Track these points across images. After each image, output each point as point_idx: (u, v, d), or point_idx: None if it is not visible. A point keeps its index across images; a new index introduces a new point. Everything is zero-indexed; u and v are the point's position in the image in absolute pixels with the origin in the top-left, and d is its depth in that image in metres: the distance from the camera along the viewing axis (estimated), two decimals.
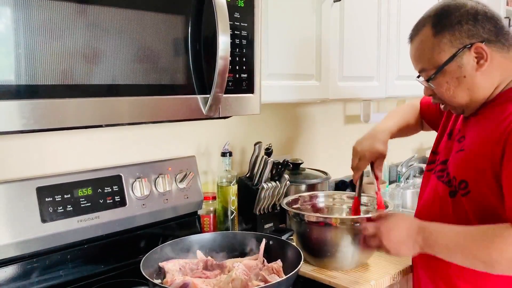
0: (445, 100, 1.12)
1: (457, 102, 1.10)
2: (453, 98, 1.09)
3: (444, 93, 1.09)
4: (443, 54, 1.06)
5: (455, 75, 1.06)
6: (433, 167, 1.24)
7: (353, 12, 1.62)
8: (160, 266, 1.15)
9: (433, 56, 1.07)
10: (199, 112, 1.08)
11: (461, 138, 1.14)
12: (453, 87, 1.07)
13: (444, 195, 1.13)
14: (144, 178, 1.33)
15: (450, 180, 1.12)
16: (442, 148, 1.24)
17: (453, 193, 1.10)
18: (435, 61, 1.07)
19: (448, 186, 1.12)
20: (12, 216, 1.10)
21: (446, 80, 1.07)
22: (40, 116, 0.84)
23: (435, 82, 1.09)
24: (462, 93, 1.08)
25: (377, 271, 1.32)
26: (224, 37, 1.02)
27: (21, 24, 0.80)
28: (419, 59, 1.11)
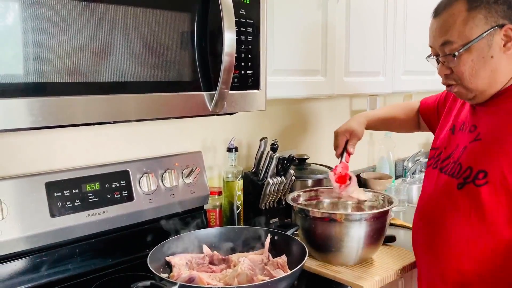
0: (463, 81, 1.07)
1: (475, 84, 1.07)
2: (473, 78, 1.06)
3: (465, 72, 1.06)
4: (475, 29, 1.03)
5: (482, 53, 1.04)
6: (432, 162, 1.23)
7: (359, 7, 1.62)
8: (167, 260, 1.17)
9: (465, 29, 1.04)
10: (205, 108, 1.09)
11: (472, 128, 1.12)
12: (477, 67, 1.05)
13: (449, 188, 1.11)
14: (151, 173, 1.35)
15: (460, 171, 1.09)
16: (443, 142, 1.22)
17: (461, 185, 1.08)
18: (465, 35, 1.04)
19: (455, 178, 1.10)
20: (21, 211, 1.12)
21: (471, 58, 1.04)
22: (48, 113, 0.85)
23: (460, 59, 1.05)
24: (484, 75, 1.05)
25: (382, 266, 1.32)
26: (229, 33, 1.02)
27: (29, 22, 0.81)
28: (446, 32, 1.06)
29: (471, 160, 1.08)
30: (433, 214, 1.16)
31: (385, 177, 2.13)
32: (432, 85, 2.03)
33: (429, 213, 1.17)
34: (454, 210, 1.09)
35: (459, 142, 1.15)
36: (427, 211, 1.18)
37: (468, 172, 1.07)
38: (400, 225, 1.67)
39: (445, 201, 1.12)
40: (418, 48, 1.90)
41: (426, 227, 1.19)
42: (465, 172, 1.08)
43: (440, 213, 1.13)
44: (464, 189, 1.07)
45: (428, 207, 1.19)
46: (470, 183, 1.06)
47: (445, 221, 1.11)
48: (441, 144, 1.24)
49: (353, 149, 1.42)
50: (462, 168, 1.09)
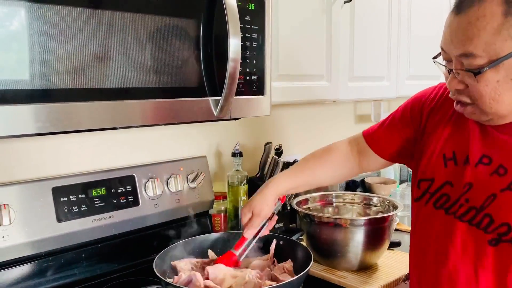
0: (481, 104, 0.86)
1: (496, 109, 0.85)
2: (494, 103, 0.84)
3: (486, 94, 0.83)
4: (509, 42, 0.78)
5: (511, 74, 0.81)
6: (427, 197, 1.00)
7: (363, 12, 1.62)
8: (172, 265, 1.17)
9: (495, 41, 0.79)
10: (210, 114, 1.09)
11: (502, 170, 0.89)
12: (502, 89, 0.82)
13: (476, 241, 0.91)
14: (157, 178, 1.36)
15: (491, 225, 0.89)
16: (439, 174, 0.99)
17: (496, 240, 0.88)
18: (495, 49, 0.79)
19: (482, 231, 0.90)
20: (28, 216, 1.13)
21: (497, 79, 0.81)
22: (55, 119, 0.86)
23: (483, 78, 0.82)
24: (509, 100, 0.84)
25: (387, 271, 1.32)
26: (235, 39, 1.03)
27: (36, 29, 0.82)
28: (470, 40, 0.81)
29: (508, 215, 0.88)
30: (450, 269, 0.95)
31: (389, 182, 2.13)
32: None
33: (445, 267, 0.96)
34: (484, 270, 0.90)
35: (474, 181, 0.93)
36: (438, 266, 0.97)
37: (505, 229, 0.88)
38: (405, 230, 1.67)
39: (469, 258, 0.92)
40: (423, 52, 1.90)
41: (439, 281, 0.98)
42: (499, 228, 0.88)
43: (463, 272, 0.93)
44: (500, 246, 0.88)
45: (438, 260, 0.97)
46: (508, 242, 0.87)
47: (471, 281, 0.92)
48: (435, 174, 1.00)
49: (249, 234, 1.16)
50: (495, 222, 0.89)
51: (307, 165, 1.23)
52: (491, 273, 0.90)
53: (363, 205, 1.51)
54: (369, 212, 1.49)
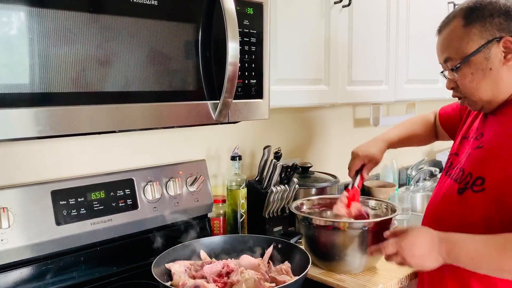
0: (467, 93, 1.11)
1: (479, 96, 1.10)
2: (476, 91, 1.09)
3: (467, 85, 1.10)
4: (471, 44, 1.07)
5: (481, 66, 1.07)
6: (446, 168, 1.26)
7: (362, 16, 1.63)
8: (167, 267, 1.17)
9: (461, 45, 1.08)
10: (209, 117, 1.10)
11: (479, 136, 1.15)
12: (477, 79, 1.08)
13: (451, 192, 1.14)
14: (156, 182, 1.36)
15: (462, 176, 1.12)
16: (456, 149, 1.25)
17: (462, 190, 1.11)
18: (462, 50, 1.08)
19: (457, 183, 1.13)
20: (27, 219, 1.13)
21: (471, 71, 1.08)
22: (55, 122, 0.87)
23: (460, 73, 1.09)
24: (486, 87, 1.08)
25: (385, 274, 1.32)
26: (233, 43, 1.03)
27: (36, 33, 0.82)
28: (446, 48, 1.12)
29: (472, 166, 1.11)
30: (436, 218, 1.18)
31: (388, 185, 2.13)
32: (435, 93, 2.04)
33: (432, 217, 1.19)
34: (452, 215, 1.12)
35: (469, 147, 1.17)
36: (431, 215, 1.21)
37: (468, 178, 1.10)
38: None
39: (446, 205, 1.16)
40: (421, 56, 1.91)
41: None
42: (466, 178, 1.11)
43: (441, 217, 1.15)
44: (463, 194, 1.10)
45: (432, 211, 1.22)
46: (469, 188, 1.09)
47: (446, 225, 1.09)
48: (454, 150, 1.26)
49: (367, 175, 1.41)
50: (464, 173, 1.12)
51: (406, 126, 1.52)
52: (456, 217, 1.11)
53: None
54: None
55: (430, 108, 2.19)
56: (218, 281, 1.13)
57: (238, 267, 1.16)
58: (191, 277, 1.15)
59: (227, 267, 1.17)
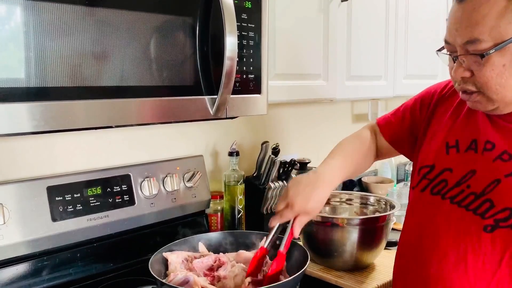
0: (488, 89, 0.86)
1: (502, 95, 0.85)
2: (500, 88, 0.84)
3: (493, 79, 0.84)
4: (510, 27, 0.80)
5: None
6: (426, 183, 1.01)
7: (361, 11, 1.62)
8: (164, 256, 1.16)
9: (499, 24, 0.80)
10: (206, 112, 1.09)
11: (506, 156, 0.89)
12: (508, 74, 0.83)
13: (470, 226, 0.91)
14: (153, 178, 1.35)
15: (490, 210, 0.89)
16: (440, 160, 1.00)
17: (492, 227, 0.88)
18: (500, 32, 0.80)
19: (479, 217, 0.90)
20: (23, 215, 1.12)
21: (503, 62, 0.82)
22: (50, 117, 0.85)
23: (489, 62, 0.83)
24: None
25: (384, 271, 1.32)
26: (231, 38, 1.02)
27: (31, 27, 0.81)
28: (476, 25, 0.82)
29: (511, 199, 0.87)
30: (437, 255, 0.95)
31: (386, 181, 2.13)
32: None
33: (428, 252, 0.96)
34: (475, 254, 0.90)
35: (478, 167, 0.93)
36: (425, 249, 0.97)
37: (506, 214, 0.87)
38: None
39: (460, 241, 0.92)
40: (420, 51, 1.90)
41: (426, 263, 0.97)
42: (499, 213, 0.88)
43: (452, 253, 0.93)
44: (495, 233, 0.88)
45: (426, 244, 0.97)
46: (508, 228, 0.87)
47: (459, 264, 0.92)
48: (435, 161, 1.01)
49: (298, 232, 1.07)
50: (495, 207, 0.88)
51: (349, 156, 1.19)
52: (482, 259, 0.89)
53: (360, 205, 1.51)
54: (366, 211, 1.49)
55: None
56: (208, 275, 1.12)
57: (229, 261, 1.15)
58: (187, 269, 1.14)
59: (218, 261, 1.16)
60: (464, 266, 0.91)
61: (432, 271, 0.95)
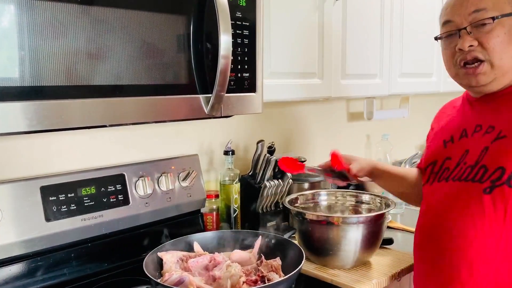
0: (493, 54, 1.02)
1: (503, 62, 1.02)
2: (503, 54, 1.01)
3: (497, 45, 1.01)
4: (507, 5, 1.02)
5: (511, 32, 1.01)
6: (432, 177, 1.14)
7: (356, 9, 1.62)
8: (159, 256, 1.16)
9: (499, 1, 1.02)
10: (201, 111, 1.08)
11: (490, 129, 1.04)
12: (507, 42, 1.01)
13: (470, 194, 1.01)
14: (147, 177, 1.34)
15: (486, 174, 1.00)
16: (439, 154, 1.15)
17: (490, 188, 0.98)
18: (501, 6, 1.02)
19: (478, 183, 1.01)
20: (16, 215, 1.11)
21: (504, 31, 1.01)
22: (44, 117, 0.85)
23: (494, 28, 1.01)
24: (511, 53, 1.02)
25: (379, 269, 1.32)
26: (225, 36, 1.02)
27: (25, 25, 0.80)
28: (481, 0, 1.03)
29: (501, 159, 0.99)
30: (447, 227, 1.05)
31: None
32: (429, 87, 2.04)
33: (440, 227, 1.07)
34: (480, 217, 0.99)
35: (470, 146, 1.07)
36: (438, 225, 1.08)
37: (499, 173, 0.98)
38: (397, 228, 1.67)
39: (463, 211, 1.02)
40: (415, 50, 1.90)
41: (437, 243, 1.08)
42: (493, 174, 0.99)
43: (461, 222, 1.02)
44: (494, 192, 0.98)
45: (438, 221, 1.08)
46: (503, 185, 0.97)
47: (467, 231, 1.01)
48: (437, 157, 1.15)
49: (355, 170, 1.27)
50: (489, 170, 1.00)
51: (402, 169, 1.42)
52: (488, 221, 0.99)
53: (355, 203, 1.51)
54: (361, 210, 1.49)
55: (423, 102, 2.19)
56: (203, 274, 1.12)
57: (225, 261, 1.15)
58: (182, 269, 1.14)
59: (214, 260, 1.16)
60: (474, 231, 1.00)
61: (448, 245, 1.04)
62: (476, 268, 1.00)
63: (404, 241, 1.53)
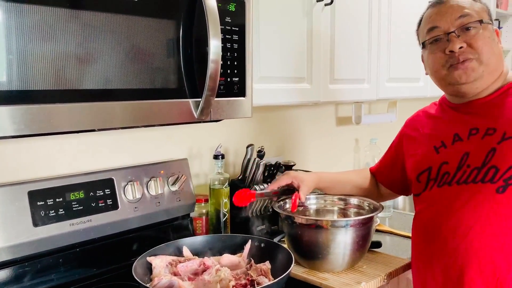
0: (482, 53, 1.09)
1: (490, 61, 1.10)
2: (490, 54, 1.10)
3: (484, 46, 1.09)
4: (483, 14, 1.13)
5: (492, 36, 1.12)
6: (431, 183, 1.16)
7: (344, 15, 1.63)
8: (148, 260, 1.15)
9: (479, 11, 1.12)
10: (190, 115, 1.08)
11: (490, 131, 1.08)
12: (491, 44, 1.11)
13: (486, 195, 1.04)
14: (136, 181, 1.34)
15: (497, 174, 1.03)
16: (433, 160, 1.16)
17: (504, 187, 1.02)
18: (481, 15, 1.12)
19: (489, 183, 1.04)
20: (3, 220, 1.10)
21: (488, 35, 1.11)
22: (31, 121, 0.84)
23: (480, 32, 1.10)
24: (496, 53, 1.12)
25: (368, 272, 1.33)
26: (215, 41, 1.02)
27: (13, 29, 0.80)
28: (466, 7, 1.12)
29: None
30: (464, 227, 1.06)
31: None
32: (416, 91, 2.06)
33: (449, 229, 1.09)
34: (496, 217, 1.02)
35: (470, 149, 1.10)
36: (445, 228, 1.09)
37: (509, 173, 1.02)
38: (385, 231, 1.68)
39: (480, 210, 1.04)
40: (402, 55, 1.93)
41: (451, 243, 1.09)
42: (505, 173, 1.02)
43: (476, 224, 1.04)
44: (508, 191, 1.02)
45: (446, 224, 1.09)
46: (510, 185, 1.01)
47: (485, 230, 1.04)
48: (430, 163, 1.17)
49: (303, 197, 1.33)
50: (500, 169, 1.03)
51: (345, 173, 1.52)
52: (504, 219, 1.02)
53: (344, 206, 1.52)
54: (350, 213, 1.50)
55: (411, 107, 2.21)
56: (193, 279, 1.12)
57: (214, 265, 1.15)
58: (172, 273, 1.13)
59: (203, 264, 1.16)
60: (490, 230, 1.03)
61: (465, 246, 1.06)
62: (499, 268, 1.03)
63: (392, 245, 1.55)
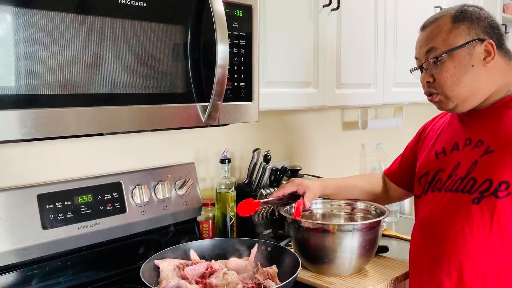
0: (445, 88, 1.11)
1: (458, 91, 1.10)
2: (455, 86, 1.09)
3: (448, 79, 1.10)
4: (458, 38, 1.09)
5: (464, 62, 1.09)
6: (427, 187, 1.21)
7: (350, 20, 1.64)
8: (156, 263, 1.16)
9: (449, 37, 1.10)
10: (198, 120, 1.09)
11: (479, 143, 1.11)
12: (458, 74, 1.09)
13: (461, 204, 1.09)
14: (144, 185, 1.35)
15: (475, 185, 1.07)
16: (432, 165, 1.21)
17: (478, 199, 1.06)
18: (449, 42, 1.10)
19: (467, 194, 1.08)
20: (13, 223, 1.11)
21: (454, 65, 1.09)
22: (40, 125, 0.85)
23: (443, 64, 1.10)
24: (466, 83, 1.09)
25: (375, 277, 1.33)
26: (222, 46, 1.03)
27: (21, 34, 0.81)
28: (432, 39, 1.12)
29: (489, 172, 1.06)
30: (439, 235, 1.13)
31: None
32: (423, 96, 2.05)
33: (432, 236, 1.15)
34: (469, 226, 1.07)
35: (461, 159, 1.13)
36: (430, 234, 1.16)
37: (487, 185, 1.05)
38: (392, 236, 1.68)
39: (456, 218, 1.09)
40: (409, 60, 1.92)
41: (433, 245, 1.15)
42: (482, 186, 1.06)
43: (451, 230, 1.10)
44: (482, 203, 1.05)
45: (431, 230, 1.16)
46: (490, 196, 1.04)
47: (458, 237, 1.08)
48: (429, 168, 1.22)
49: (308, 203, 1.34)
50: (478, 182, 1.07)
51: (352, 178, 1.55)
52: (476, 229, 1.06)
53: (350, 211, 1.52)
54: (357, 217, 1.49)
55: (417, 111, 2.21)
56: (200, 282, 1.12)
57: (221, 268, 1.16)
58: (179, 276, 1.14)
59: (210, 268, 1.16)
60: (463, 239, 1.08)
61: (441, 249, 1.12)
62: (465, 273, 1.07)
63: (399, 249, 1.54)
